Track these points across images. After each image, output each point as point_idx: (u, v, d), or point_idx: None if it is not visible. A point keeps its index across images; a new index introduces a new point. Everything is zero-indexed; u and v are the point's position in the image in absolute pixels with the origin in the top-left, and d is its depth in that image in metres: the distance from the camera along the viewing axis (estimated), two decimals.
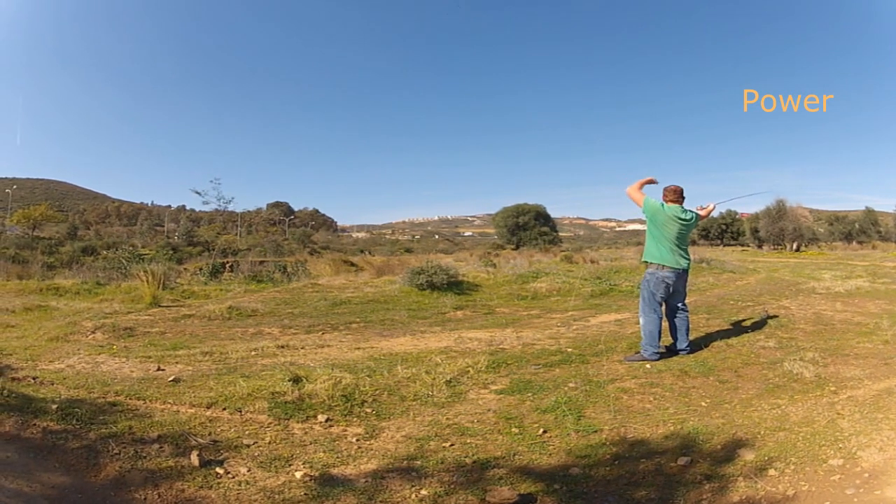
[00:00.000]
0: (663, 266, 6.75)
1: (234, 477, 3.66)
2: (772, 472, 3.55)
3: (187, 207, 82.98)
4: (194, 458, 3.85)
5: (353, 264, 27.90)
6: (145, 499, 3.38)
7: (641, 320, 6.80)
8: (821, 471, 3.55)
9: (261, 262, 32.04)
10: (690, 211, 7.01)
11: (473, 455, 3.92)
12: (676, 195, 6.99)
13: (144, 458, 3.93)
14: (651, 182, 7.21)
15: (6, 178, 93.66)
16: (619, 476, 3.55)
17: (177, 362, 7.10)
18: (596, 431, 4.33)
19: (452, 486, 3.43)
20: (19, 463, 3.88)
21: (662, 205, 6.93)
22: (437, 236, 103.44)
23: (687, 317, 7.08)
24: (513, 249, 44.72)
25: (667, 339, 7.07)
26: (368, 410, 4.98)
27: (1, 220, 55.16)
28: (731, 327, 8.74)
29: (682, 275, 6.91)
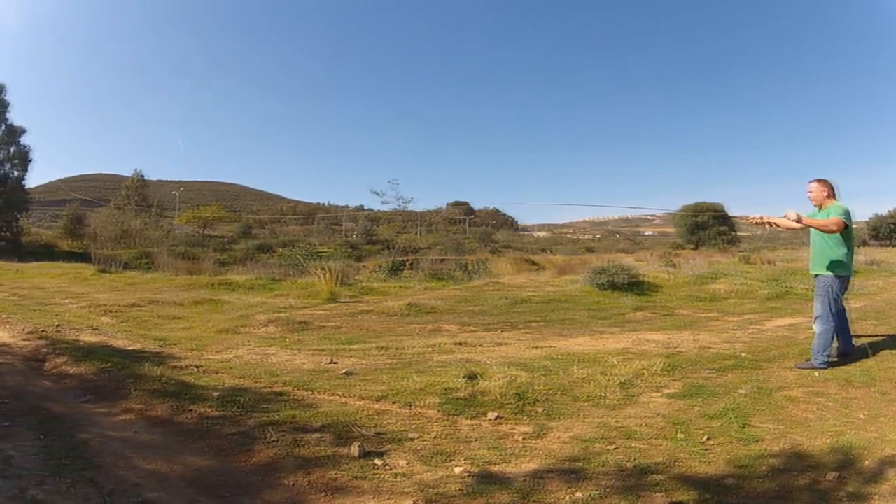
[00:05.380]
0: (848, 273, 6.79)
1: (391, 469, 3.76)
2: None
3: (365, 207, 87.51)
4: (354, 449, 3.96)
5: (534, 263, 28.61)
6: (294, 485, 3.50)
7: (819, 328, 6.77)
8: None
9: (441, 261, 33.21)
10: None
11: (635, 459, 4.03)
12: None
13: (302, 446, 4.12)
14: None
15: (172, 180, 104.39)
16: (769, 489, 3.61)
17: (351, 356, 7.49)
18: (758, 441, 4.43)
19: (608, 490, 3.52)
20: (163, 445, 4.18)
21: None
22: (617, 235, 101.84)
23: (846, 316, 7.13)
24: (692, 249, 43.98)
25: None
26: (539, 409, 5.16)
27: (169, 220, 60.65)
28: None
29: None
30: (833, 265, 6.68)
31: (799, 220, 6.63)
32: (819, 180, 6.86)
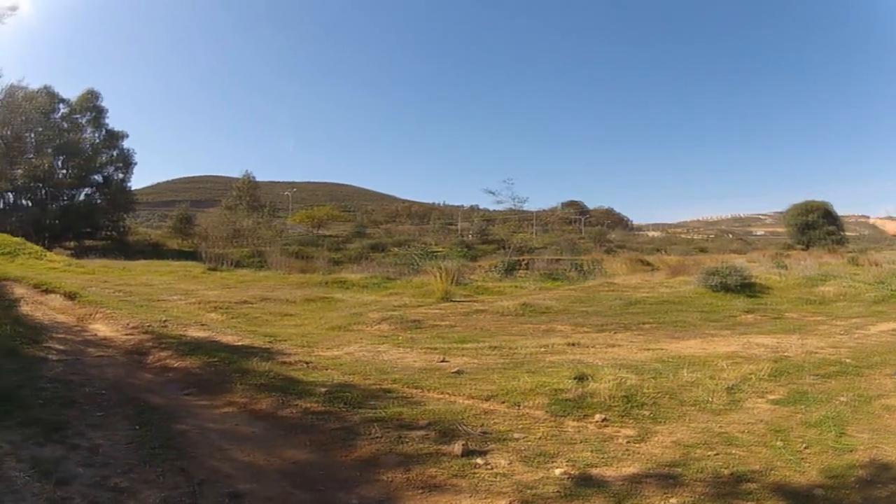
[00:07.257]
0: None
1: (491, 468, 3.78)
2: None
3: (480, 207, 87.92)
4: (457, 447, 4.00)
5: (647, 263, 28.52)
6: (391, 481, 3.55)
7: None
8: None
9: (556, 261, 33.09)
10: None
11: (733, 466, 4.07)
12: None
13: (405, 443, 4.19)
14: None
15: (283, 181, 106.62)
16: (854, 501, 3.64)
17: (462, 355, 7.59)
18: (851, 451, 4.47)
19: (702, 498, 3.58)
20: (263, 438, 4.32)
21: None
22: (730, 235, 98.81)
23: None
24: (802, 249, 42.38)
25: None
26: (646, 413, 5.23)
27: (282, 220, 61.98)
28: None
29: None
30: None
31: None
32: None
